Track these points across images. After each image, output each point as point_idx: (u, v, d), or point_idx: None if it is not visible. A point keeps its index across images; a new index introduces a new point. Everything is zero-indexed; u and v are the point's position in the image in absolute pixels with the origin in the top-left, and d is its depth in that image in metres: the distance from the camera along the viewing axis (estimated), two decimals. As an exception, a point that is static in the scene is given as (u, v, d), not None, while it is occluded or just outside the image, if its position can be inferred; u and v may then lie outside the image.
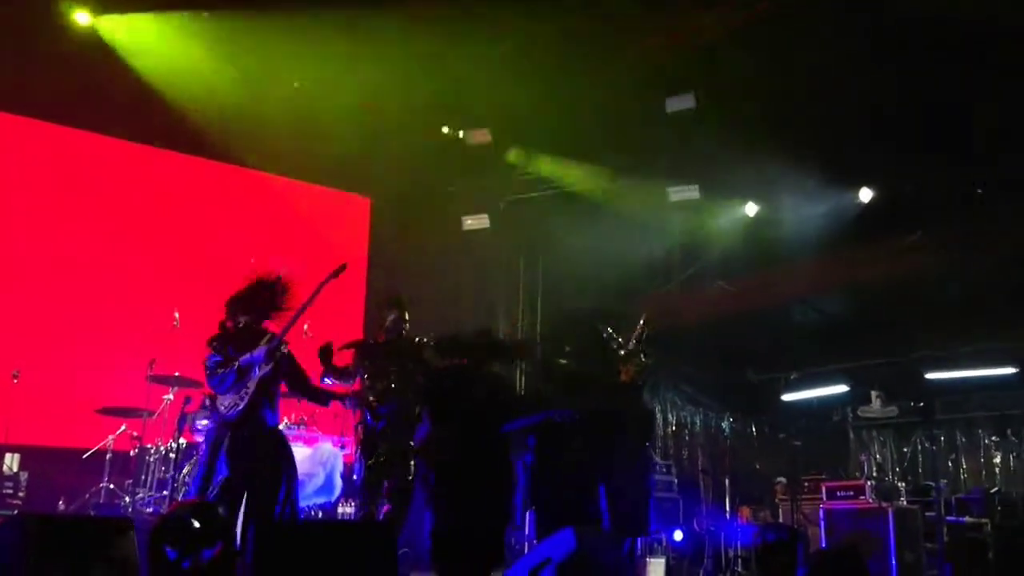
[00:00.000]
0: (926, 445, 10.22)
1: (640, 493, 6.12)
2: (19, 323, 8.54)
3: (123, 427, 7.81)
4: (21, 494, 7.34)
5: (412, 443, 5.80)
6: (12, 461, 7.51)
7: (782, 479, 9.18)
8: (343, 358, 6.23)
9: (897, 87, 8.48)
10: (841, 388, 10.77)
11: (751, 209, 10.41)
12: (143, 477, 7.57)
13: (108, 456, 7.63)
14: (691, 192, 10.25)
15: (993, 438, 10.20)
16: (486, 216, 11.12)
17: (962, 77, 8.09)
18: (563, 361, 6.04)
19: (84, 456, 7.77)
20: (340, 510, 7.70)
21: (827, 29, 8.38)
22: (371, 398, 6.00)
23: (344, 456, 7.82)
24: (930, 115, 8.48)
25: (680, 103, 9.56)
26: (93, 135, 9.53)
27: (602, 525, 5.88)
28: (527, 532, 7.08)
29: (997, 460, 10.13)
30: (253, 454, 5.21)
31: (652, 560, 8.45)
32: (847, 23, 8.28)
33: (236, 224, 10.16)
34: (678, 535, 7.30)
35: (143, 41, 8.88)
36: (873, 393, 10.37)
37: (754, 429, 11.68)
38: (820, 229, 9.76)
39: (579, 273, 10.42)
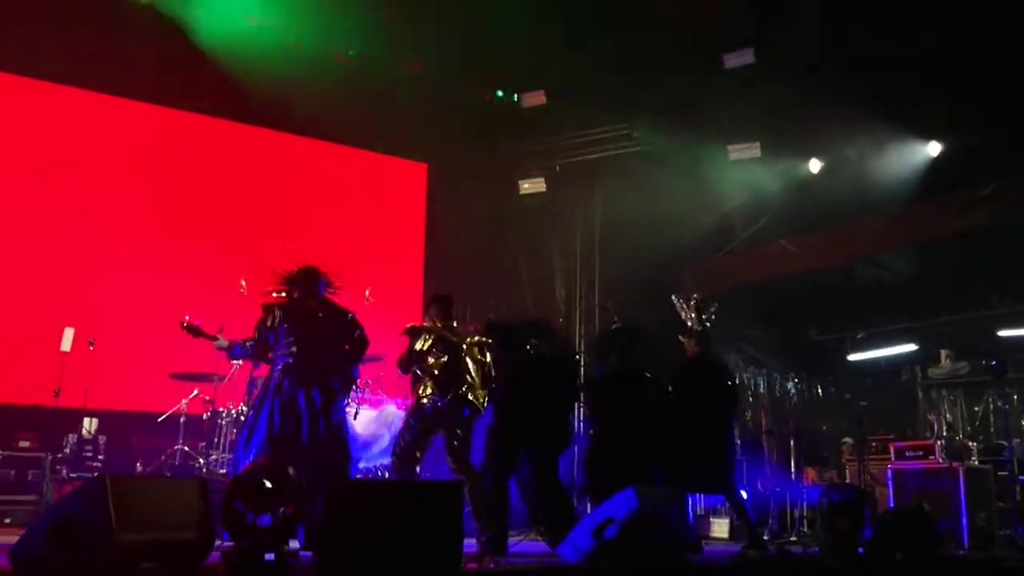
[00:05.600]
0: (998, 404, 9.93)
1: (714, 455, 6.26)
2: (95, 293, 8.82)
3: (195, 391, 8.04)
4: (100, 457, 7.61)
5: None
6: (91, 425, 7.78)
7: (849, 439, 9.04)
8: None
9: (967, 34, 8.16)
10: (909, 347, 10.53)
11: (815, 166, 10.17)
12: (216, 440, 7.79)
13: (182, 420, 7.87)
14: (752, 150, 10.06)
15: (1068, 396, 9.89)
16: (542, 180, 11.08)
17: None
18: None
19: (159, 420, 8.03)
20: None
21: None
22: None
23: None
24: (1002, 62, 8.15)
25: (739, 59, 9.36)
26: (161, 108, 9.75)
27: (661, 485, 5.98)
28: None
29: (1073, 418, 9.83)
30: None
31: (716, 520, 8.46)
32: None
33: (298, 192, 10.31)
34: (742, 495, 7.27)
35: (200, 12, 9.00)
36: (943, 352, 10.12)
37: (819, 390, 11.51)
38: (886, 184, 9.49)
39: (637, 234, 10.32)
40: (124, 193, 9.38)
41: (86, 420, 7.78)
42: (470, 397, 5.96)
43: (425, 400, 5.90)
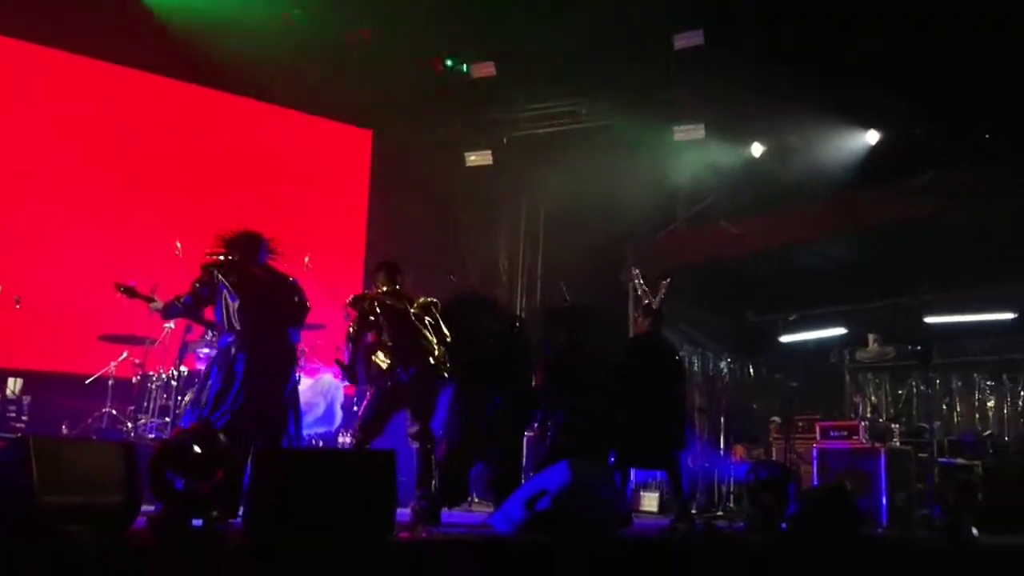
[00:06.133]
0: (921, 388, 10.29)
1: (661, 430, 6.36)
2: (22, 249, 8.54)
3: (125, 354, 7.86)
4: (24, 418, 7.42)
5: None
6: (15, 385, 7.58)
7: (777, 418, 9.27)
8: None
9: (909, 26, 8.34)
10: (839, 330, 10.80)
11: (756, 149, 10.30)
12: (145, 404, 7.65)
13: (110, 382, 7.70)
14: (696, 131, 10.15)
15: (988, 382, 10.26)
16: (489, 152, 11.03)
17: (975, 18, 7.95)
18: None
19: (87, 382, 7.84)
20: (340, 440, 7.80)
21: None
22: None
23: (344, 387, 7.89)
24: (941, 57, 8.35)
25: (688, 39, 9.40)
26: (97, 61, 9.42)
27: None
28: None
29: (991, 404, 10.21)
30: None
31: (646, 494, 8.62)
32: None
33: (239, 154, 10.09)
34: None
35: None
36: (871, 336, 10.41)
37: (751, 370, 11.76)
38: (826, 170, 9.67)
39: (582, 210, 10.37)
40: (55, 149, 9.05)
41: (10, 380, 7.58)
42: (431, 362, 5.87)
43: (386, 374, 5.79)
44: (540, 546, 4.45)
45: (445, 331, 5.98)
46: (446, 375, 5.91)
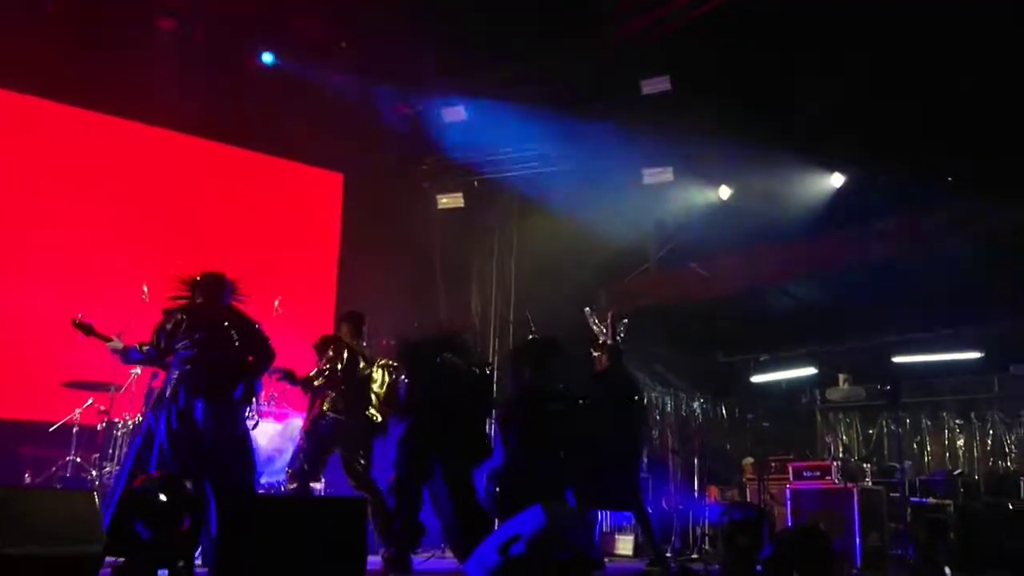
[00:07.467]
0: (892, 428, 10.37)
1: (623, 471, 6.30)
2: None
3: (90, 401, 7.70)
4: (-15, 467, 7.23)
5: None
6: (-25, 434, 7.40)
7: (750, 459, 9.28)
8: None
9: (872, 73, 8.54)
10: (810, 371, 10.89)
11: (724, 192, 10.45)
12: (111, 451, 7.49)
13: (75, 430, 7.52)
14: (665, 174, 10.28)
15: (957, 421, 10.38)
16: (460, 195, 11.07)
17: (939, 66, 8.16)
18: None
19: (50, 429, 7.67)
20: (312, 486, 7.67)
21: (803, 14, 8.41)
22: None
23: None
24: (905, 102, 8.55)
25: (656, 85, 9.55)
26: (60, 105, 9.33)
27: (569, 503, 6.01)
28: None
29: (961, 443, 10.32)
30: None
31: (621, 537, 8.56)
32: (823, 8, 8.31)
33: (208, 198, 10.03)
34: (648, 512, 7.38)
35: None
36: (841, 376, 10.50)
37: (724, 410, 11.79)
38: (793, 213, 9.82)
39: (554, 252, 10.43)
40: (16, 193, 8.92)
41: (-30, 428, 7.39)
42: (370, 412, 5.94)
43: (328, 415, 5.81)
44: (514, 592, 4.39)
45: (396, 393, 6.07)
46: (378, 424, 5.98)
